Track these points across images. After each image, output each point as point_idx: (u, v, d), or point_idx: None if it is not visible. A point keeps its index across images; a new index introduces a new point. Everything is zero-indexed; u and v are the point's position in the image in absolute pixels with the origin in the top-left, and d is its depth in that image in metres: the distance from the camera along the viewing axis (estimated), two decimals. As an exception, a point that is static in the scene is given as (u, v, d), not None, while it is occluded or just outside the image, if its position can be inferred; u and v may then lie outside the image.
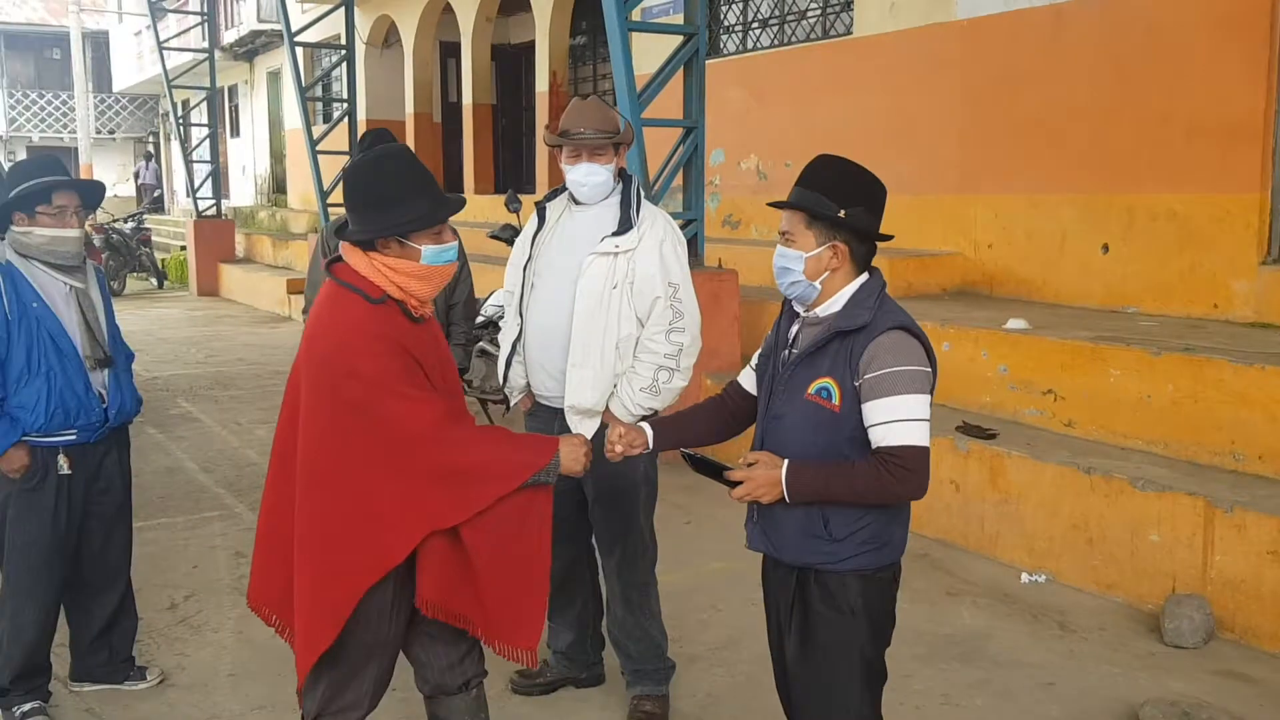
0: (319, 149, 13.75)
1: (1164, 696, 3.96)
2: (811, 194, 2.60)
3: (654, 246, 3.65)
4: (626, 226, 3.65)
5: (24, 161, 3.90)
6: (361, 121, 15.57)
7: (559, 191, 3.87)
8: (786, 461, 2.55)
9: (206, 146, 18.60)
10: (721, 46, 10.77)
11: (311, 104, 15.52)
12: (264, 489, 2.88)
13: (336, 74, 16.09)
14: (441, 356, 2.85)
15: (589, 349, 3.62)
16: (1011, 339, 6.04)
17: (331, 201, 13.18)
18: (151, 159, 31.14)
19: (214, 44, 18.77)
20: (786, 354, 2.70)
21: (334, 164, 12.68)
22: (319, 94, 17.40)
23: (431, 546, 2.67)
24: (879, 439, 2.50)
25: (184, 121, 18.62)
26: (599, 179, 3.67)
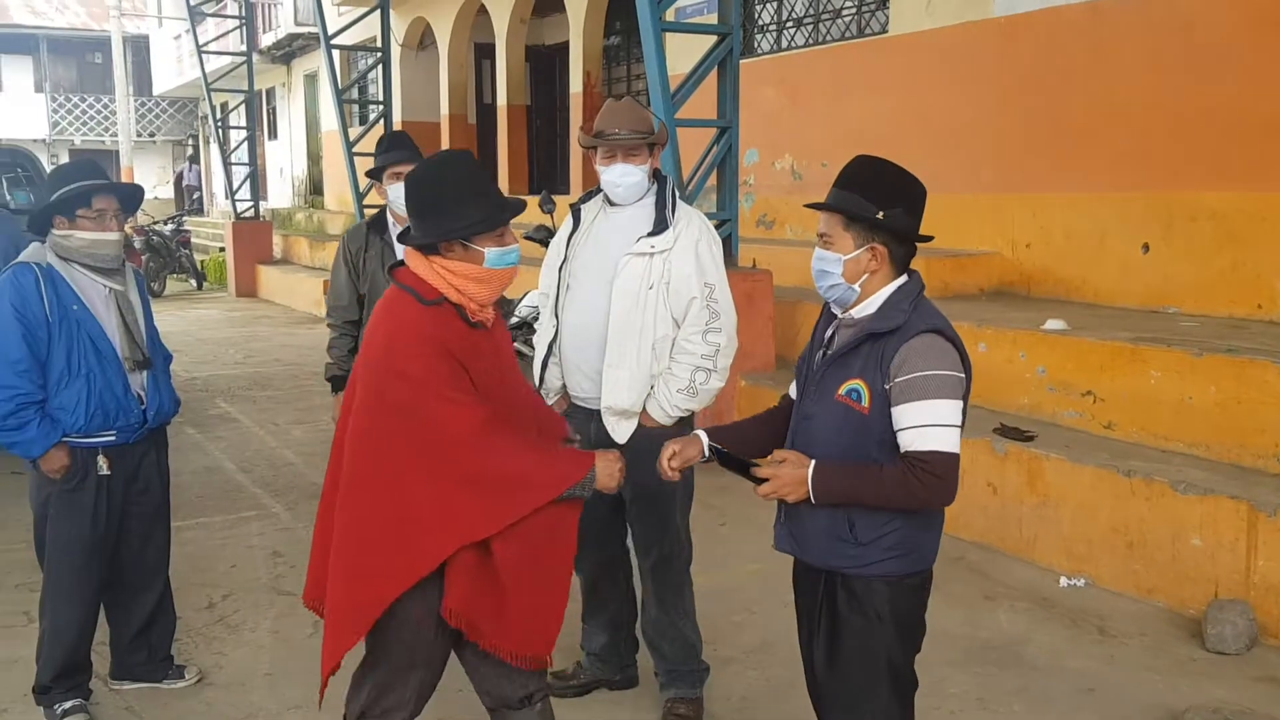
0: (355, 151, 13.85)
1: (1206, 704, 3.91)
2: (850, 195, 2.56)
3: (690, 247, 3.64)
4: (662, 227, 3.64)
5: (64, 165, 3.94)
6: (397, 123, 15.67)
7: (594, 193, 3.87)
8: (813, 461, 2.52)
9: (245, 149, 18.78)
10: (756, 46, 10.75)
11: (348, 106, 15.67)
12: (323, 486, 2.88)
13: (372, 76, 16.20)
14: (500, 364, 2.82)
15: (625, 350, 3.61)
16: (1050, 340, 5.97)
17: (368, 203, 13.27)
18: (195, 162, 31.49)
19: (252, 47, 18.94)
20: (821, 354, 2.68)
21: (370, 165, 12.73)
22: (355, 96, 17.53)
23: (462, 556, 2.65)
24: (907, 443, 2.47)
25: (223, 124, 18.78)
26: (634, 179, 3.66)
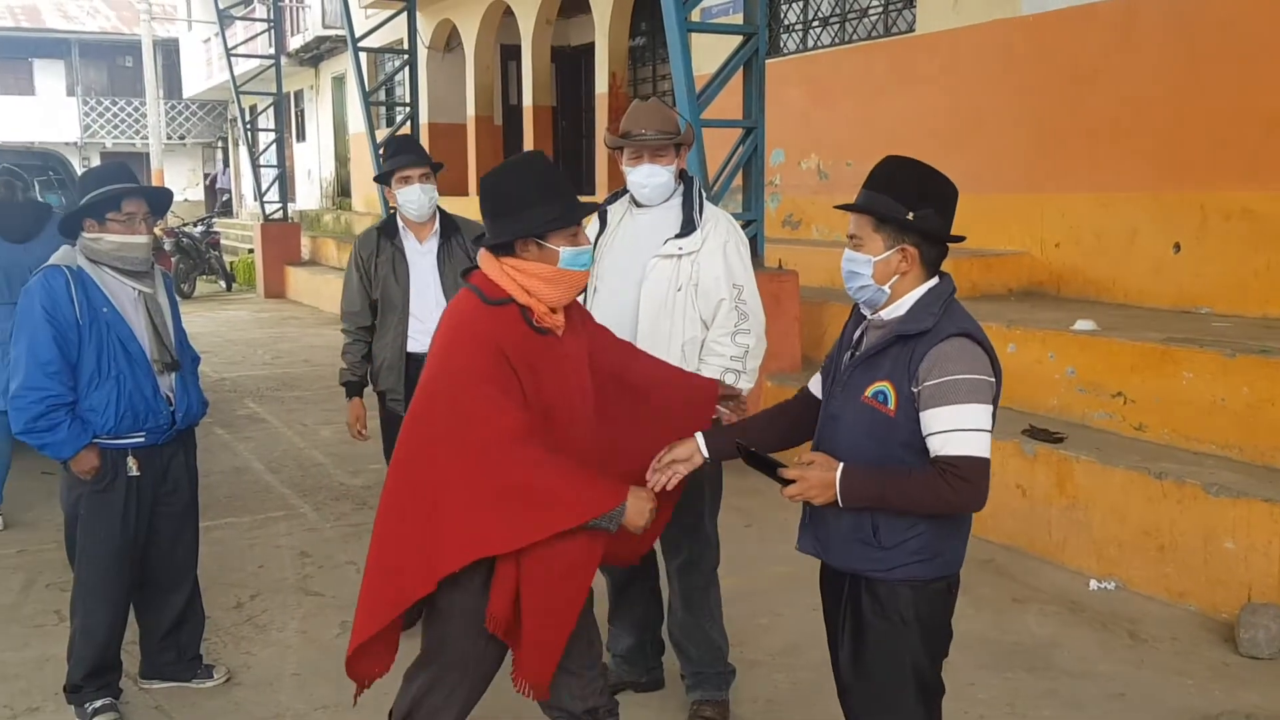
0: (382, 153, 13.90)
1: (1238, 709, 3.87)
2: (880, 196, 2.53)
3: (718, 248, 3.63)
4: (690, 228, 3.63)
5: (95, 168, 3.97)
6: (424, 124, 15.73)
7: (620, 194, 3.86)
8: (842, 464, 2.50)
9: (273, 151, 18.92)
10: (781, 45, 10.72)
11: (375, 108, 15.75)
12: None
13: (399, 78, 16.31)
14: (566, 375, 2.74)
15: (654, 352, 3.58)
16: (1080, 340, 5.91)
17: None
18: (227, 165, 31.73)
19: (280, 50, 19.09)
20: (849, 355, 2.66)
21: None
22: (382, 98, 17.65)
23: (506, 565, 2.62)
24: (937, 448, 2.43)
25: (251, 126, 18.95)
26: (660, 180, 3.65)
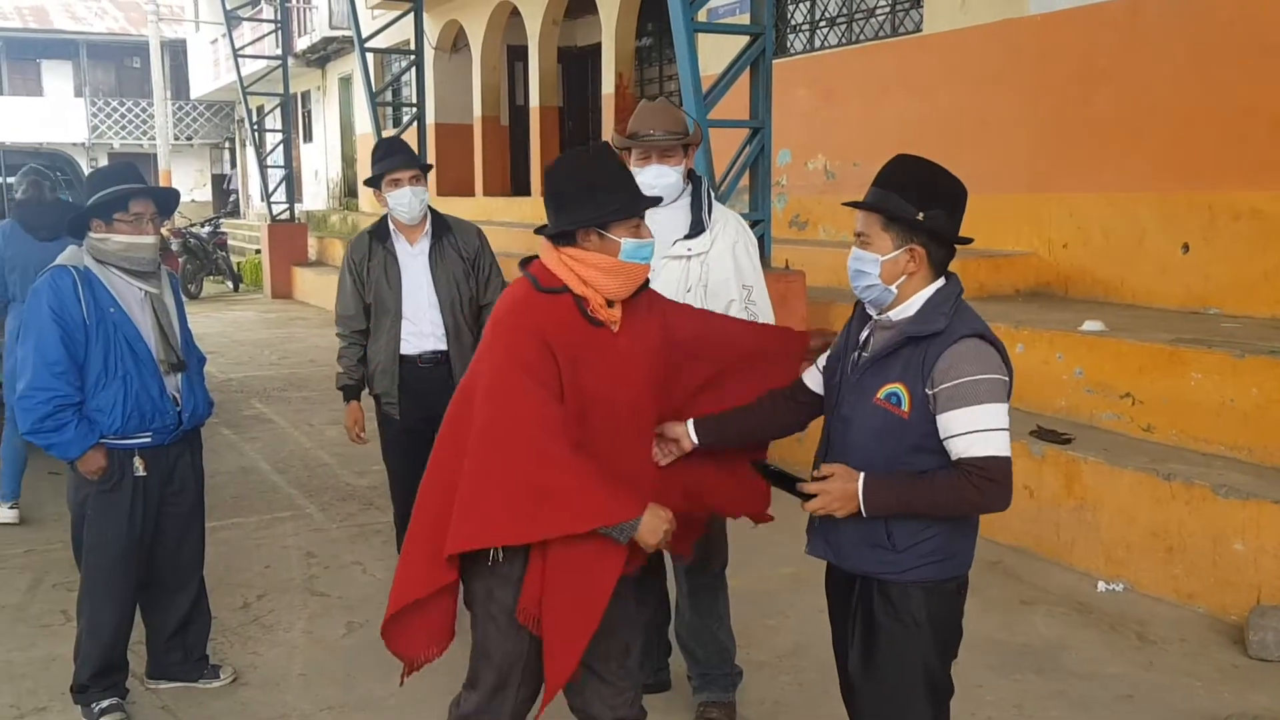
0: (388, 154, 13.89)
1: (1247, 711, 3.85)
2: (890, 195, 2.52)
3: (727, 249, 3.62)
4: (699, 229, 3.62)
5: (102, 169, 3.97)
6: (430, 125, 15.73)
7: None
8: (863, 475, 2.48)
9: (280, 152, 18.95)
10: (788, 45, 10.70)
11: (382, 109, 15.72)
12: None
13: (406, 79, 16.26)
14: (618, 370, 2.68)
15: None
16: (1088, 341, 5.90)
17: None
18: (235, 165, 31.81)
19: (287, 51, 19.12)
20: (856, 357, 2.64)
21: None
22: (389, 99, 17.60)
23: (536, 560, 2.60)
24: (961, 450, 2.42)
25: (258, 127, 18.97)
26: (669, 180, 3.64)
